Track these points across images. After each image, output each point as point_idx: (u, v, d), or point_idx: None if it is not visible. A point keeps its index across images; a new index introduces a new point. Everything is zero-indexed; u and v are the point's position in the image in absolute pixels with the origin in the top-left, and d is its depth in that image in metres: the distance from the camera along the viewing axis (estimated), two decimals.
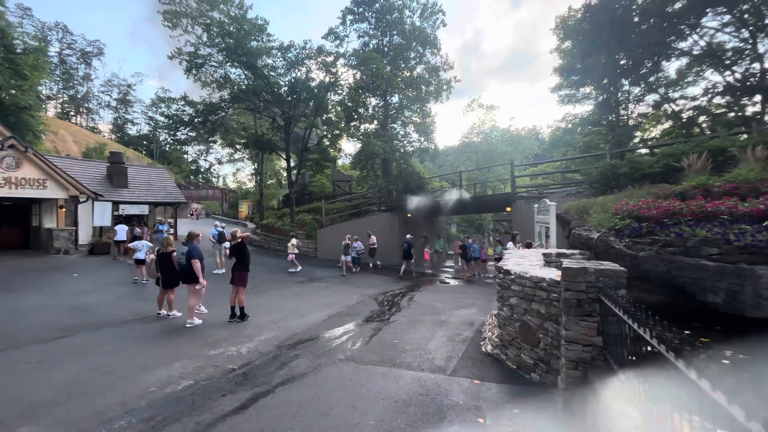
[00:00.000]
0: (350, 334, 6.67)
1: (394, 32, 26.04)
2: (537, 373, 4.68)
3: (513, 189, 14.74)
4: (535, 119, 77.38)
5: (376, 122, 26.58)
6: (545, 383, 4.50)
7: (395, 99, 26.56)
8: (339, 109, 22.39)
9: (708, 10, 15.54)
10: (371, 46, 26.03)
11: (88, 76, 59.16)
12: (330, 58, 20.62)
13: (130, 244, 11.25)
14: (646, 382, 2.60)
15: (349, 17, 25.71)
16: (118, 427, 3.46)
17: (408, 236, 15.35)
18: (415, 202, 18.18)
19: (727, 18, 15.87)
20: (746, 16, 15.23)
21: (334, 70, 20.73)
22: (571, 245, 7.81)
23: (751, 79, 16.40)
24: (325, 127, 23.27)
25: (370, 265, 16.08)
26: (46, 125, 26.99)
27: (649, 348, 2.47)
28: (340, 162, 33.22)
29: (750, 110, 17.45)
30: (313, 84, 20.54)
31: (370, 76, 20.58)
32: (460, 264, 16.64)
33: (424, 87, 26.19)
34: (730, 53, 16.85)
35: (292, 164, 23.24)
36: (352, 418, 3.71)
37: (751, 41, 15.58)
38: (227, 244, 12.83)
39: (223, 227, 14.31)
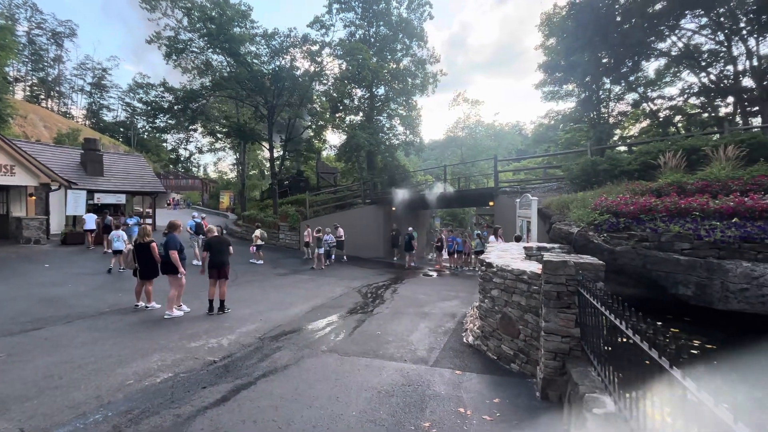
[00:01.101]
0: (334, 326, 6.67)
1: (381, 23, 25.77)
2: (517, 363, 4.79)
3: (496, 184, 14.92)
4: (519, 115, 78.52)
5: (361, 114, 26.37)
6: (525, 373, 4.62)
7: (381, 91, 26.39)
8: (324, 99, 22.11)
9: (687, 12, 15.96)
10: (357, 36, 25.71)
11: (60, 58, 56.41)
12: (315, 47, 20.28)
13: (110, 236, 11.12)
14: (621, 370, 2.69)
15: (336, 6, 25.28)
16: (93, 421, 3.37)
17: (409, 229, 16.02)
18: (400, 195, 18.20)
19: (704, 20, 16.35)
20: (722, 19, 15.72)
21: (319, 60, 20.40)
22: (552, 239, 7.98)
23: (725, 81, 17.01)
24: (309, 118, 22.95)
25: (343, 258, 15.96)
26: (14, 108, 25.62)
27: (624, 338, 2.56)
28: (324, 153, 32.90)
29: (723, 111, 18.14)
30: (298, 73, 20.20)
31: (356, 67, 20.35)
32: (436, 257, 16.86)
33: (410, 79, 26.09)
34: (706, 55, 17.41)
35: (276, 155, 22.87)
36: (335, 408, 3.72)
37: (726, 44, 16.12)
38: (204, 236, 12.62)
39: (203, 218, 14.02)
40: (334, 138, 34.84)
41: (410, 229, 15.98)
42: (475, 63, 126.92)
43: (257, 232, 13.87)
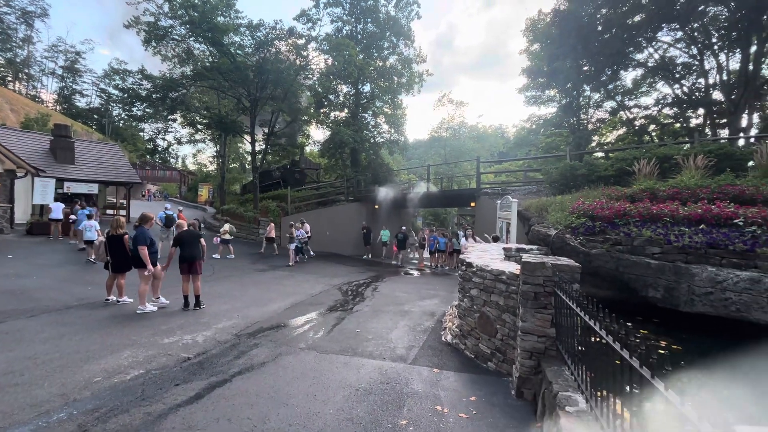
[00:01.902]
0: (313, 323, 6.61)
1: (369, 20, 25.64)
2: (493, 362, 4.87)
3: (478, 185, 15.13)
4: (502, 118, 79.41)
5: (346, 110, 26.19)
6: (501, 372, 4.70)
7: (367, 88, 26.26)
8: (309, 94, 21.80)
9: (663, 25, 16.58)
10: (344, 32, 25.51)
11: (30, 39, 53.43)
12: (301, 41, 19.97)
13: (81, 226, 10.80)
14: (593, 370, 2.77)
15: (323, 0, 24.99)
16: (57, 419, 3.22)
17: (403, 228, 16.53)
18: (383, 193, 18.22)
19: (679, 34, 17.03)
20: (696, 34, 16.41)
21: (305, 54, 20.11)
22: (530, 241, 8.15)
23: (697, 94, 17.77)
24: (293, 111, 22.62)
25: (309, 254, 15.45)
26: None
27: (597, 339, 2.63)
28: (308, 149, 32.55)
29: (694, 122, 18.96)
30: (283, 66, 19.83)
31: (342, 63, 20.16)
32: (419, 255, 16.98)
33: (396, 78, 26.06)
34: (680, 68, 18.15)
35: (258, 148, 22.45)
36: (312, 406, 3.69)
37: (698, 58, 16.84)
38: (175, 229, 12.29)
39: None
40: (318, 134, 34.53)
41: (404, 228, 16.47)
42: (460, 64, 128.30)
43: (226, 227, 13.57)
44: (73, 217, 12.55)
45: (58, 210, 13.47)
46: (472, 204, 15.69)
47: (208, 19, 17.42)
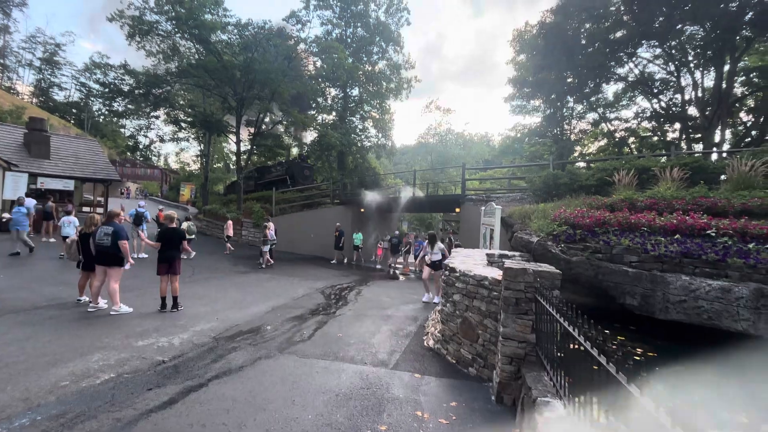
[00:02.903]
0: (294, 327, 6.50)
1: (359, 24, 25.76)
2: (474, 367, 4.88)
3: (463, 191, 15.25)
4: (488, 126, 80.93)
5: (334, 114, 26.17)
6: (482, 377, 4.71)
7: (355, 92, 26.33)
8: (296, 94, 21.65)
9: (643, 42, 17.19)
10: (334, 35, 25.55)
11: (6, 28, 51.59)
12: (290, 42, 19.89)
13: (60, 221, 10.55)
14: (572, 375, 2.80)
15: (313, 2, 24.99)
16: (19, 425, 3.06)
17: (396, 232, 16.84)
18: (369, 197, 18.18)
19: (658, 51, 17.68)
20: (674, 51, 17.07)
21: (293, 55, 20.02)
22: (513, 247, 8.25)
23: (674, 109, 18.45)
24: (280, 113, 22.43)
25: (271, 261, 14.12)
26: None
27: (576, 345, 2.66)
28: (294, 150, 32.30)
29: (670, 136, 19.67)
30: (271, 67, 19.67)
31: (331, 66, 20.18)
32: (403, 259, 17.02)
33: (384, 83, 26.23)
34: (658, 83, 18.83)
35: (243, 148, 22.14)
36: (291, 412, 3.61)
37: (676, 74, 17.51)
38: (145, 227, 11.99)
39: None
40: (305, 136, 34.30)
41: (397, 233, 16.69)
42: (448, 72, 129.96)
43: (184, 225, 13.17)
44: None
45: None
46: (457, 210, 15.80)
47: (195, 16, 17.17)
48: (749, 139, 16.85)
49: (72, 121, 45.77)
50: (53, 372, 4.02)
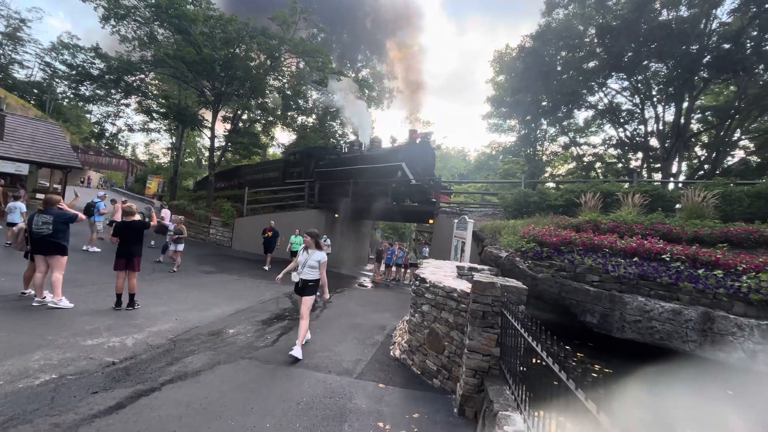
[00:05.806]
0: (257, 332, 6.30)
1: (344, 31, 25.87)
2: (439, 379, 4.89)
3: (438, 203, 15.46)
4: (465, 141, 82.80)
5: (314, 117, 25.97)
6: (445, 389, 4.72)
7: (337, 97, 26.27)
8: (277, 95, 21.38)
9: (613, 73, 18.25)
10: (319, 39, 25.50)
11: None
12: (274, 41, 19.64)
13: (6, 207, 9.81)
14: (532, 390, 2.85)
15: (300, 5, 24.86)
16: None
17: (390, 242, 17.27)
18: (344, 203, 18.04)
19: (626, 83, 18.81)
20: (639, 85, 18.21)
21: (277, 55, 19.77)
22: (483, 261, 8.41)
23: (637, 139, 19.59)
24: (259, 112, 22.03)
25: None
26: None
27: (538, 360, 2.72)
28: (271, 150, 31.75)
29: (633, 164, 20.84)
30: (253, 64, 19.34)
31: (315, 69, 20.06)
32: (374, 267, 17.05)
33: (367, 91, 26.35)
34: (624, 114, 20.00)
35: (217, 144, 21.52)
36: (248, 420, 3.47)
37: (640, 107, 18.65)
38: (102, 218, 11.42)
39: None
40: (283, 136, 33.83)
41: (391, 242, 17.31)
42: (430, 86, 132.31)
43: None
44: None
45: None
46: (431, 221, 15.98)
47: (176, 5, 16.66)
48: (702, 171, 18.14)
49: (32, 102, 42.90)
50: None
